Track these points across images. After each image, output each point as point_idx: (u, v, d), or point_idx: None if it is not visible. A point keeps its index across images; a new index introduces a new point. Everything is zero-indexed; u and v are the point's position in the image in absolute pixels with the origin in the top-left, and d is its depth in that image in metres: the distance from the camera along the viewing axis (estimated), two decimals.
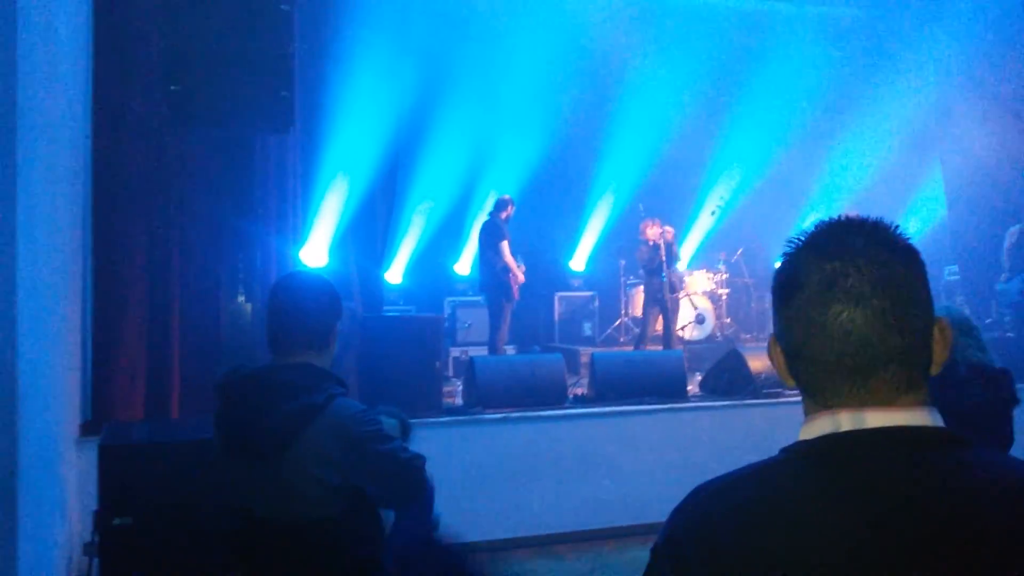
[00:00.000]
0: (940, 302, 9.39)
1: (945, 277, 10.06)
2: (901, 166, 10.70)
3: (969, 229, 9.90)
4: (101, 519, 3.78)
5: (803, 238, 1.12)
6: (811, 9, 10.85)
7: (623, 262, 10.88)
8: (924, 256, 1.12)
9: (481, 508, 5.81)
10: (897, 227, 1.12)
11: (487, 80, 9.83)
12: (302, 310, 2.26)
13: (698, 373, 8.02)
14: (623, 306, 10.91)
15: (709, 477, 1.10)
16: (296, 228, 6.32)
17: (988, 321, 8.98)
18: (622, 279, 10.93)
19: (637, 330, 9.83)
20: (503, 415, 6.15)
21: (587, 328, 11.01)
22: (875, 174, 10.90)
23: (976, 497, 0.98)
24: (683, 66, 10.23)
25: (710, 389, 7.20)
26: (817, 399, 1.09)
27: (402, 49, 7.65)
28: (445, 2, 9.18)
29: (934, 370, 1.10)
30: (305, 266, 6.59)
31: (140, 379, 5.45)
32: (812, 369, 1.08)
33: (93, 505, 3.87)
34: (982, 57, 9.76)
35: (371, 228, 7.22)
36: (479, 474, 5.98)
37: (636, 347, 9.30)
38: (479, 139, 10.12)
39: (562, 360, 6.84)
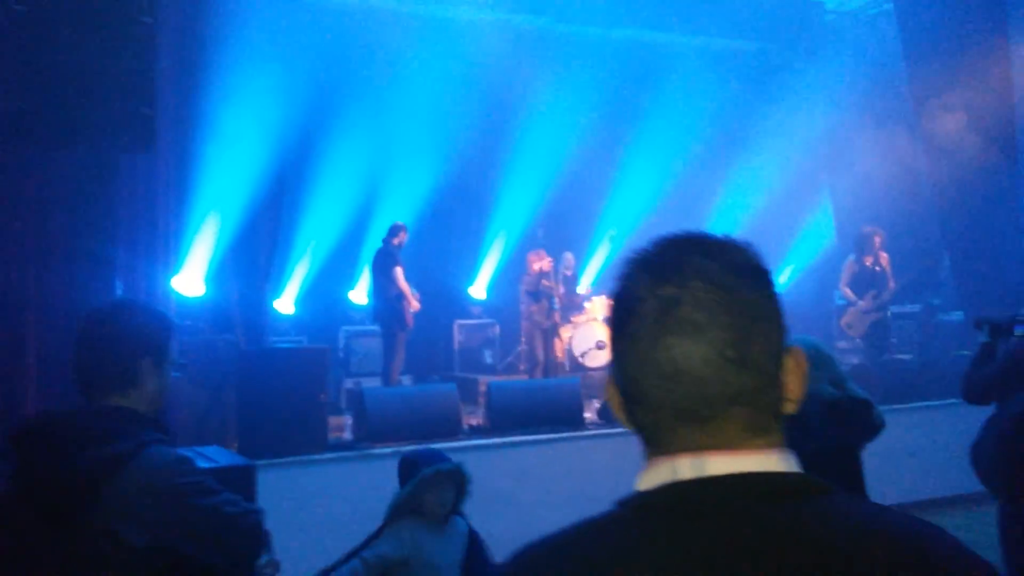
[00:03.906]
0: (828, 329, 9.76)
1: (836, 301, 10.31)
2: (793, 194, 10.97)
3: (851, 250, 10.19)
4: None
5: (637, 257, 0.95)
6: (703, 41, 11.09)
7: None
8: (775, 278, 0.97)
9: None
10: (747, 245, 0.96)
11: (381, 104, 9.63)
12: (96, 346, 1.98)
13: (595, 400, 7.93)
14: (524, 334, 10.78)
15: (608, 507, 0.95)
16: (168, 255, 5.94)
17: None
18: (523, 307, 10.81)
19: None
20: (393, 449, 5.89)
21: (488, 356, 10.83)
22: (768, 202, 11.14)
23: (833, 553, 0.83)
24: (581, 94, 10.27)
25: (607, 417, 7.11)
26: (653, 446, 0.94)
27: (289, 71, 7.37)
28: (334, 25, 8.93)
29: (789, 408, 0.95)
30: (179, 295, 6.21)
31: None
32: (645, 412, 0.93)
33: None
34: (867, 87, 10.15)
35: (254, 255, 6.88)
36: (368, 512, 5.68)
37: (531, 375, 9.24)
38: (375, 163, 9.90)
39: (455, 390, 6.66)
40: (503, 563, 0.93)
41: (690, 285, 0.89)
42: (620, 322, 0.93)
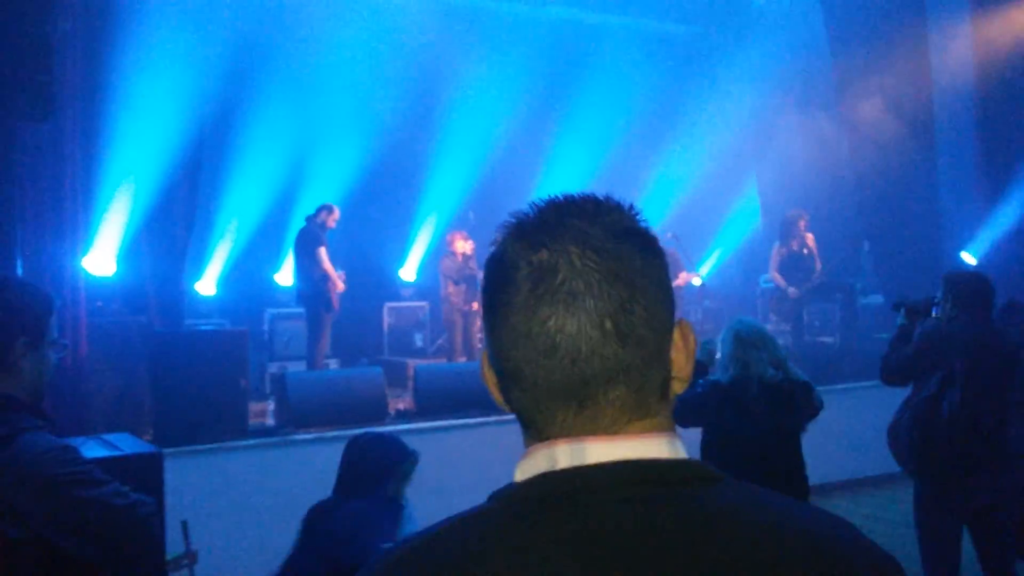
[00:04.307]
0: (755, 312, 9.92)
1: (761, 285, 10.48)
2: (721, 177, 11.09)
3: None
4: None
5: (513, 221, 0.86)
6: (634, 22, 11.10)
7: None
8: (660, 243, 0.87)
9: (293, 538, 5.37)
10: (630, 207, 0.87)
11: (307, 78, 9.37)
12: None
13: None
14: (444, 317, 10.65)
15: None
16: (76, 231, 5.61)
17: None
18: (442, 290, 10.69)
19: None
20: (316, 435, 5.73)
21: (418, 340, 10.67)
22: (697, 184, 11.24)
23: (722, 548, 0.75)
24: (512, 72, 10.17)
25: None
26: (531, 430, 0.85)
27: (207, 41, 7.04)
28: None
29: (677, 387, 0.86)
30: (90, 274, 5.90)
31: None
32: (520, 393, 0.83)
33: None
34: (793, 72, 10.30)
35: (170, 234, 6.57)
36: (290, 500, 5.52)
37: (449, 359, 9.14)
38: (301, 140, 9.63)
39: (382, 374, 6.52)
40: (367, 566, 0.83)
41: (566, 250, 0.80)
42: (492, 292, 0.84)
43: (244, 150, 9.34)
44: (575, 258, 0.80)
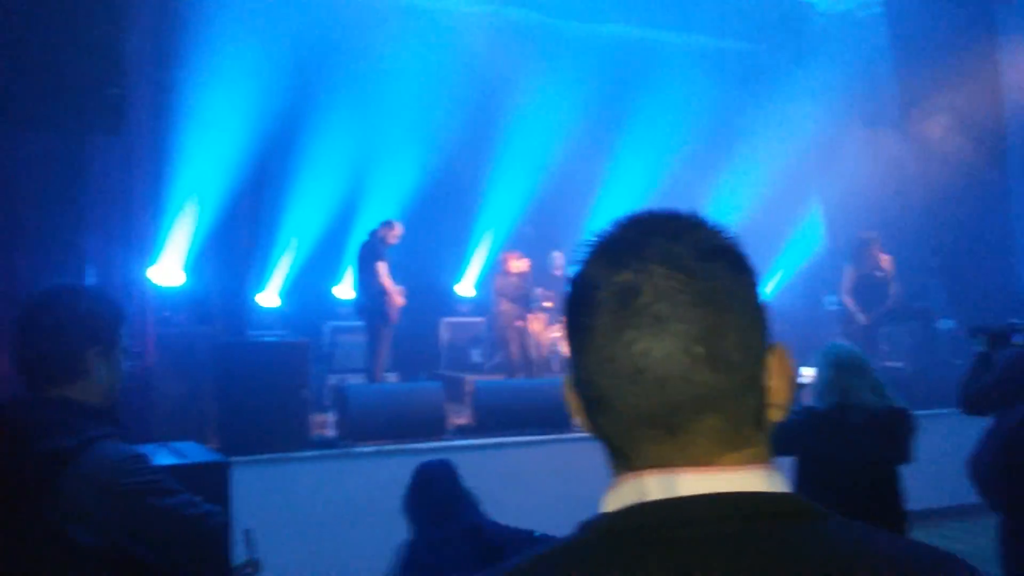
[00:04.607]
0: (815, 335, 9.68)
1: (826, 307, 10.23)
2: (782, 196, 10.89)
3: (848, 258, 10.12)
4: None
5: (596, 240, 0.82)
6: (695, 40, 11.01)
7: None
8: (755, 263, 0.83)
9: (353, 549, 5.39)
10: (718, 224, 0.83)
11: (368, 94, 9.48)
12: (39, 334, 1.82)
13: None
14: (497, 333, 10.62)
15: (596, 510, 0.83)
16: (144, 243, 5.74)
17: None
18: (495, 307, 10.66)
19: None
20: (376, 448, 5.75)
21: (475, 355, 10.68)
22: (758, 204, 11.06)
23: None
24: (570, 90, 10.16)
25: None
26: (619, 459, 0.80)
27: (271, 57, 7.19)
28: (318, 11, 8.75)
29: (775, 415, 0.81)
30: (157, 285, 6.03)
31: None
32: (606, 420, 0.79)
33: None
34: (856, 89, 10.09)
35: (234, 246, 6.69)
36: (351, 512, 5.55)
37: (509, 375, 9.12)
38: (361, 156, 9.75)
39: (441, 389, 6.53)
40: None
41: (650, 270, 0.77)
42: (575, 314, 0.81)
43: (306, 164, 9.49)
44: (660, 279, 0.76)
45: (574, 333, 0.81)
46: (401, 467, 5.84)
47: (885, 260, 8.79)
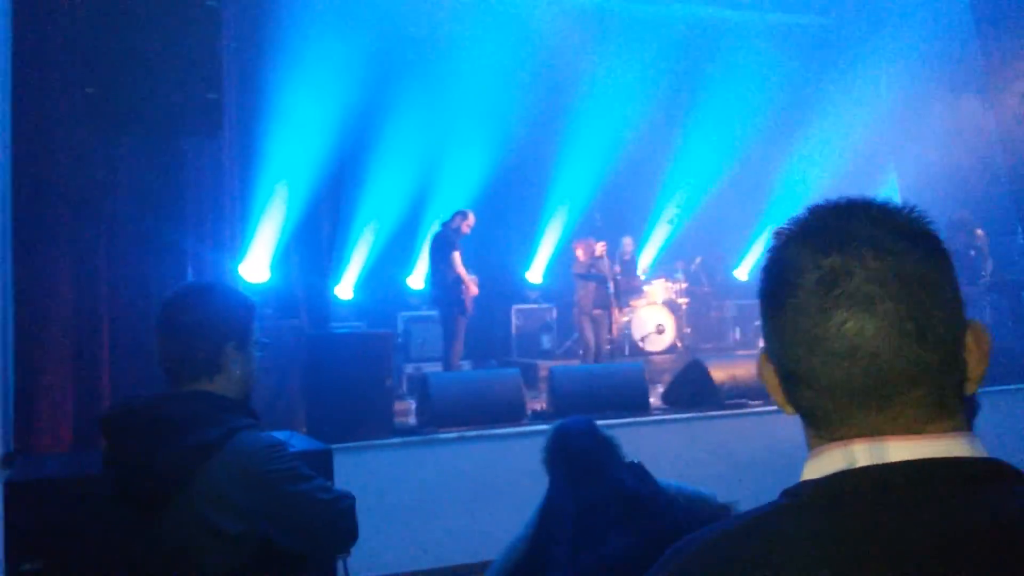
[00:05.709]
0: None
1: None
2: (857, 174, 10.63)
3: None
4: (9, 563, 3.41)
5: (794, 226, 0.88)
6: (764, 16, 10.79)
7: None
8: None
9: (436, 533, 5.53)
10: (913, 210, 0.88)
11: (439, 86, 9.57)
12: (180, 334, 1.93)
13: (659, 385, 7.80)
14: (574, 319, 10.66)
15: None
16: (234, 240, 5.96)
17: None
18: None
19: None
20: (458, 434, 5.87)
21: (545, 341, 10.75)
22: (831, 182, 10.83)
23: None
24: (638, 74, 10.09)
25: (672, 401, 7.00)
26: (822, 430, 0.85)
27: (348, 56, 7.34)
28: (393, 9, 8.89)
29: (970, 388, 0.86)
30: (243, 280, 6.24)
31: (68, 405, 5.07)
32: (813, 394, 0.85)
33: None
34: (935, 60, 9.77)
35: (316, 241, 6.88)
36: (434, 497, 5.69)
37: (582, 361, 9.15)
38: (431, 148, 9.85)
39: (519, 375, 6.59)
40: (655, 567, 0.86)
41: (860, 254, 0.82)
42: (776, 296, 0.86)
43: (381, 157, 9.62)
44: (870, 261, 0.82)
45: (774, 313, 0.87)
46: (482, 452, 6.00)
47: (980, 236, 8.56)
